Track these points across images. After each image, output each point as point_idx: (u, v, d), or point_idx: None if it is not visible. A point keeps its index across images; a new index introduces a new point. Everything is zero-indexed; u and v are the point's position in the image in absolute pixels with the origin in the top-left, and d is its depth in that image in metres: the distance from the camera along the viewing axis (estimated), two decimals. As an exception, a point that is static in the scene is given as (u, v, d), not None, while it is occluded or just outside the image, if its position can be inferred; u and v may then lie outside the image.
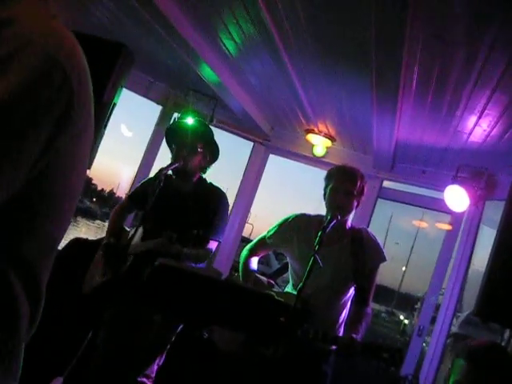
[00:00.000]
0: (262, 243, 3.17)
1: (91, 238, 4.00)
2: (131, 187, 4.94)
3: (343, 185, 2.84)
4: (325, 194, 2.93)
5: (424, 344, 4.71)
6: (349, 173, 2.89)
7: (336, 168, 2.98)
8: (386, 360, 2.45)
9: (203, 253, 3.09)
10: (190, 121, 3.21)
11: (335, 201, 2.82)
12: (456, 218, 4.65)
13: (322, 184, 2.98)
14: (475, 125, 3.41)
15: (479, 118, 3.27)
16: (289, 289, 3.06)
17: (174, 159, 3.10)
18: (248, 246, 3.23)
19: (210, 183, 3.30)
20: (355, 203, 2.87)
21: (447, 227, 4.77)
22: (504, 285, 2.45)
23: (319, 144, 4.89)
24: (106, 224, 3.47)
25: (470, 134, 3.59)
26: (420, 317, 4.77)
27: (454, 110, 3.28)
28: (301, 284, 2.39)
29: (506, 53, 2.41)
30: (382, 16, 2.36)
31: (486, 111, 3.14)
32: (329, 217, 2.71)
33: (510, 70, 2.55)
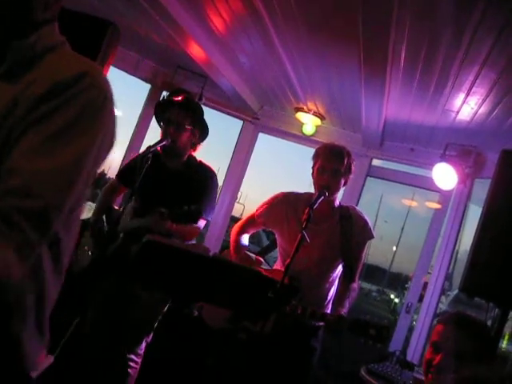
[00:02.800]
0: (252, 221, 3.18)
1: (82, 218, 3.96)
2: (120, 167, 4.89)
3: (330, 164, 2.84)
4: (313, 173, 2.93)
5: (414, 323, 4.75)
6: (335, 151, 2.88)
7: (323, 146, 2.97)
8: (373, 337, 2.48)
9: (193, 230, 3.08)
10: (178, 97, 3.15)
11: (322, 180, 2.83)
12: (445, 197, 4.67)
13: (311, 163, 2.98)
14: (463, 103, 3.41)
15: (467, 95, 3.27)
16: (278, 267, 3.08)
17: (163, 136, 3.08)
18: (237, 224, 3.24)
19: (200, 161, 3.26)
20: (342, 181, 2.88)
21: (437, 206, 4.79)
22: (489, 261, 2.48)
23: (309, 122, 4.88)
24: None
25: (458, 112, 3.59)
26: (408, 294, 4.82)
27: (442, 88, 3.28)
28: (289, 260, 2.41)
29: (493, 29, 2.40)
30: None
31: (473, 89, 3.14)
32: (317, 194, 2.73)
33: (497, 46, 2.55)
